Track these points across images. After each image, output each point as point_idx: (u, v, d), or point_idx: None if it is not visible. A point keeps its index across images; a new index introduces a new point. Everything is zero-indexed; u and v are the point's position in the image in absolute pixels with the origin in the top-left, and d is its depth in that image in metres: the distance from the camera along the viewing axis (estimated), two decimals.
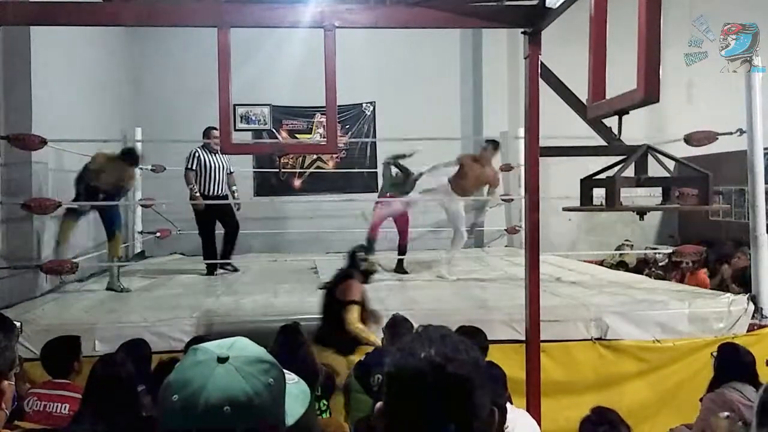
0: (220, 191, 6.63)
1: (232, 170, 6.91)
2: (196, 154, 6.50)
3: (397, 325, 3.58)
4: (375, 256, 4.90)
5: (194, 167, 6.48)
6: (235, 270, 6.70)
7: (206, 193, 6.52)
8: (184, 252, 8.11)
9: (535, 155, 3.52)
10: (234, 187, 6.98)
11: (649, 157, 3.01)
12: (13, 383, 1.44)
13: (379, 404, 1.06)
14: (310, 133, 9.21)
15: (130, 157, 5.80)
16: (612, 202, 2.82)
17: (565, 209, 3.56)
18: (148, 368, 3.42)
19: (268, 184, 9.04)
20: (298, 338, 3.32)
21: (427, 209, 8.92)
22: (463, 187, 6.35)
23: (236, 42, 3.28)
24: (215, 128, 6.36)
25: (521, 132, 5.34)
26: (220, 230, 6.76)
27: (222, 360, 0.95)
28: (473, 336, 3.19)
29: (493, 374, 2.60)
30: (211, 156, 6.53)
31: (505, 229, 8.96)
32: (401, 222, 6.76)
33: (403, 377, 1.03)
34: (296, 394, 1.06)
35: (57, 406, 2.98)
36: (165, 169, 7.76)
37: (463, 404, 1.01)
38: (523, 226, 4.69)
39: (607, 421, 2.59)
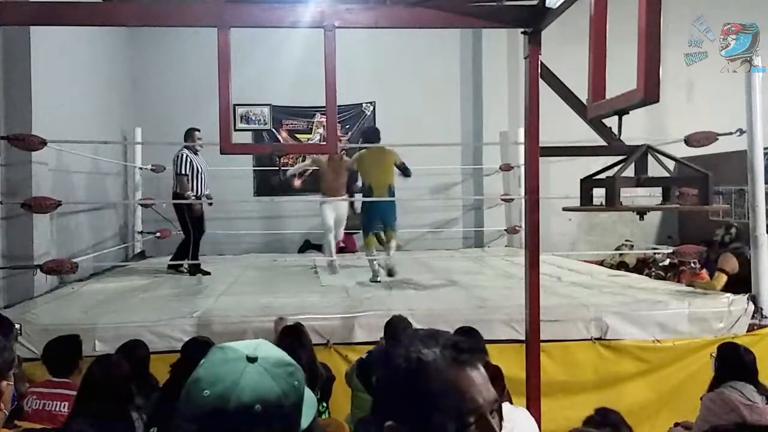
0: (207, 191, 6.69)
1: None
2: (187, 158, 6.46)
3: (396, 326, 3.58)
4: None
5: (187, 172, 6.45)
6: (206, 273, 6.57)
7: (197, 194, 6.53)
8: None
9: (535, 155, 3.52)
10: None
11: (649, 157, 3.01)
12: (12, 383, 1.44)
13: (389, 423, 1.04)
14: (310, 133, 9.21)
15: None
16: (612, 202, 2.81)
17: (565, 209, 3.56)
18: (146, 370, 3.42)
19: (268, 184, 9.04)
20: (301, 339, 3.32)
21: (426, 210, 8.96)
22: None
23: (236, 42, 3.28)
24: (197, 129, 6.50)
25: (521, 132, 5.35)
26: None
27: (252, 359, 0.97)
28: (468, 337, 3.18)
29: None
30: (196, 157, 6.55)
31: (505, 229, 8.96)
32: None
33: (385, 377, 1.04)
34: (306, 400, 1.07)
35: (56, 404, 2.98)
36: (165, 169, 7.76)
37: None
38: (523, 226, 4.70)
39: (610, 422, 2.60)
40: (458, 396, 0.98)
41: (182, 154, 6.48)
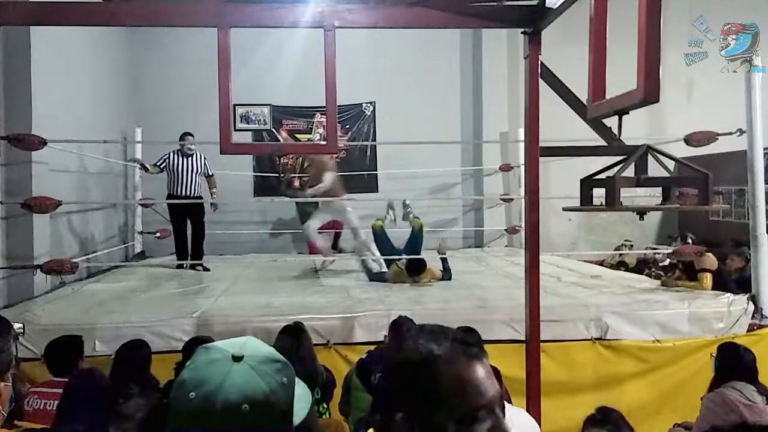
0: (189, 192, 6.89)
1: (211, 173, 7.11)
2: (165, 156, 6.88)
3: (401, 326, 3.58)
4: None
5: (161, 165, 6.87)
6: (206, 270, 6.81)
7: (174, 193, 6.84)
8: None
9: (535, 155, 3.52)
10: (214, 189, 7.18)
11: (649, 157, 3.01)
12: (10, 384, 1.44)
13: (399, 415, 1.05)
14: (310, 133, 9.21)
15: None
16: (612, 202, 2.81)
17: (565, 209, 3.56)
18: (147, 369, 3.41)
19: (268, 184, 9.04)
20: (302, 338, 3.32)
21: (426, 210, 8.95)
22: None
23: (236, 42, 3.28)
24: (191, 134, 6.81)
25: (521, 132, 5.35)
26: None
27: (237, 359, 0.96)
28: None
29: None
30: (184, 159, 6.86)
31: (505, 229, 8.96)
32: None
33: (395, 370, 1.05)
34: (299, 395, 1.06)
35: (57, 404, 2.97)
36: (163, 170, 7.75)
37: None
38: (523, 226, 4.70)
39: (611, 421, 2.59)
40: (469, 389, 0.99)
41: (167, 153, 6.92)
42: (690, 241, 5.59)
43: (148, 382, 3.28)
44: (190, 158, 6.86)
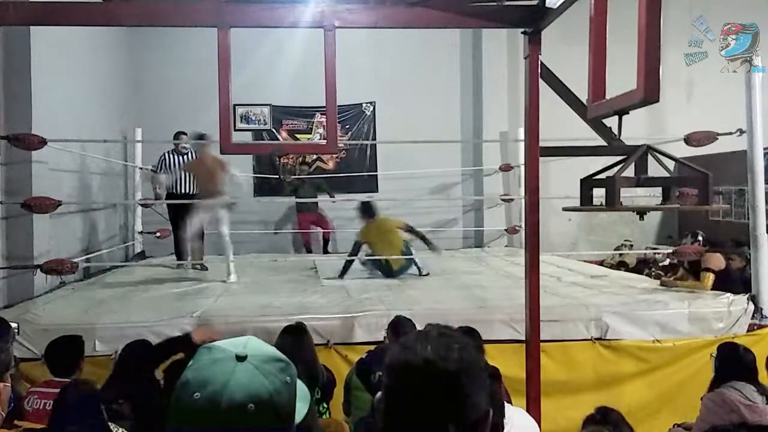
0: (187, 190, 6.88)
1: None
2: (162, 157, 6.90)
3: (400, 326, 3.58)
4: None
5: (159, 170, 6.89)
6: (204, 269, 6.73)
7: (173, 191, 6.85)
8: None
9: (535, 155, 3.52)
10: None
11: (649, 157, 3.01)
12: (9, 384, 1.44)
13: (379, 394, 1.08)
14: (310, 133, 9.21)
15: None
16: (612, 202, 2.81)
17: (565, 209, 3.56)
18: (150, 368, 3.41)
19: (268, 184, 9.05)
20: (303, 338, 3.32)
21: (426, 210, 8.97)
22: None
23: (236, 42, 3.28)
24: (184, 133, 6.81)
25: (521, 132, 5.35)
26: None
27: (241, 358, 0.96)
28: (467, 336, 3.17)
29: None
30: (179, 157, 6.88)
31: (505, 229, 8.96)
32: None
33: (398, 372, 1.06)
34: (299, 395, 1.06)
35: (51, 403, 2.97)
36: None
37: (452, 402, 1.03)
38: (523, 226, 4.70)
39: (611, 421, 2.59)
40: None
41: (162, 154, 6.92)
42: (700, 238, 5.58)
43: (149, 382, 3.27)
44: (185, 156, 6.88)
